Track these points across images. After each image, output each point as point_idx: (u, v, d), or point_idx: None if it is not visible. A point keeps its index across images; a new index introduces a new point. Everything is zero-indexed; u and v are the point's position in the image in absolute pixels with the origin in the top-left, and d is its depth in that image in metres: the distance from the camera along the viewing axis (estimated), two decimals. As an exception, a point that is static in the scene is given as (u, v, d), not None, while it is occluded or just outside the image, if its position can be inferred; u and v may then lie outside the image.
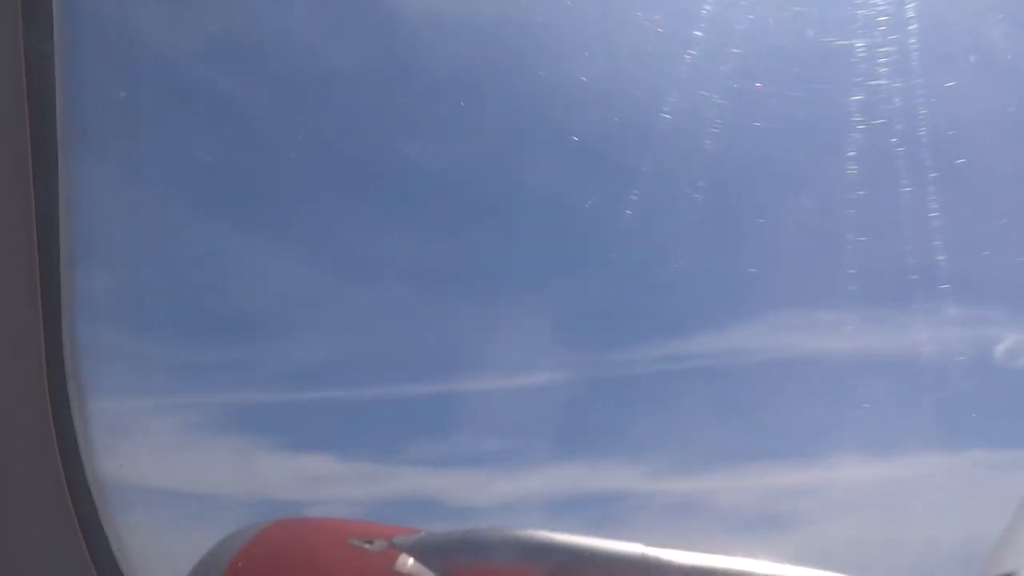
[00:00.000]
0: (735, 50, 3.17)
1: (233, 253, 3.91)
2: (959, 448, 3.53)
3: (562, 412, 4.45)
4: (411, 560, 2.21)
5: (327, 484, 4.07)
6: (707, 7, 3.08)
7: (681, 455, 4.21)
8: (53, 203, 1.75)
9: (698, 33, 3.03)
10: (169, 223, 3.04)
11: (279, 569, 2.15)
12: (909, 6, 2.69)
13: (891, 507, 3.48)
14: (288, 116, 3.71)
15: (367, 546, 2.23)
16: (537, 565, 2.28)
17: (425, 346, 4.49)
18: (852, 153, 2.95)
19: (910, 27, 2.70)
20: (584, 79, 3.47)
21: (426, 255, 4.42)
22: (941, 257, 3.04)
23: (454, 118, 3.93)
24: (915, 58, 2.87)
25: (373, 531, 2.28)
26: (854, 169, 3.12)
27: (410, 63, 3.68)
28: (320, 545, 2.27)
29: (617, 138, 3.67)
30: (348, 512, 3.87)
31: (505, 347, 4.47)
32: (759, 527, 3.84)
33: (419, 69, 3.75)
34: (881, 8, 2.74)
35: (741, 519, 3.97)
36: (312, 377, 4.35)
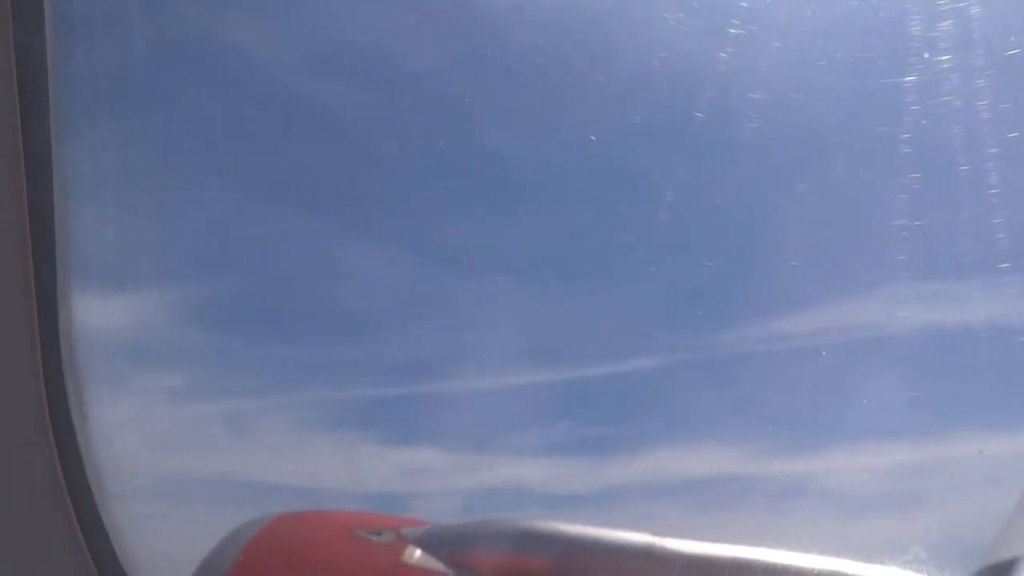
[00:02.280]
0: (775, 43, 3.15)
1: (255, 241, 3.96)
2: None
3: (663, 396, 4.38)
4: (418, 551, 2.18)
5: (426, 476, 4.11)
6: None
7: (787, 436, 4.09)
8: (48, 193, 1.75)
9: (733, 30, 3.02)
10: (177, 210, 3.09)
11: (285, 563, 2.15)
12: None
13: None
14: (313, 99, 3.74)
15: (374, 538, 2.21)
16: (544, 555, 2.22)
17: (521, 334, 4.48)
18: (907, 135, 2.91)
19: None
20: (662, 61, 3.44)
21: (513, 244, 4.40)
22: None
23: (521, 109, 3.91)
24: (972, 32, 2.76)
25: (380, 523, 2.27)
26: (908, 149, 2.96)
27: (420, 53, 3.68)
28: (326, 538, 2.27)
29: (700, 117, 3.61)
30: (447, 503, 3.92)
31: (604, 332, 4.42)
32: (869, 507, 3.71)
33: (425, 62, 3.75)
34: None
35: (851, 500, 3.77)
36: (405, 371, 4.39)
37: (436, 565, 2.24)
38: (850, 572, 2.14)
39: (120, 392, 2.55)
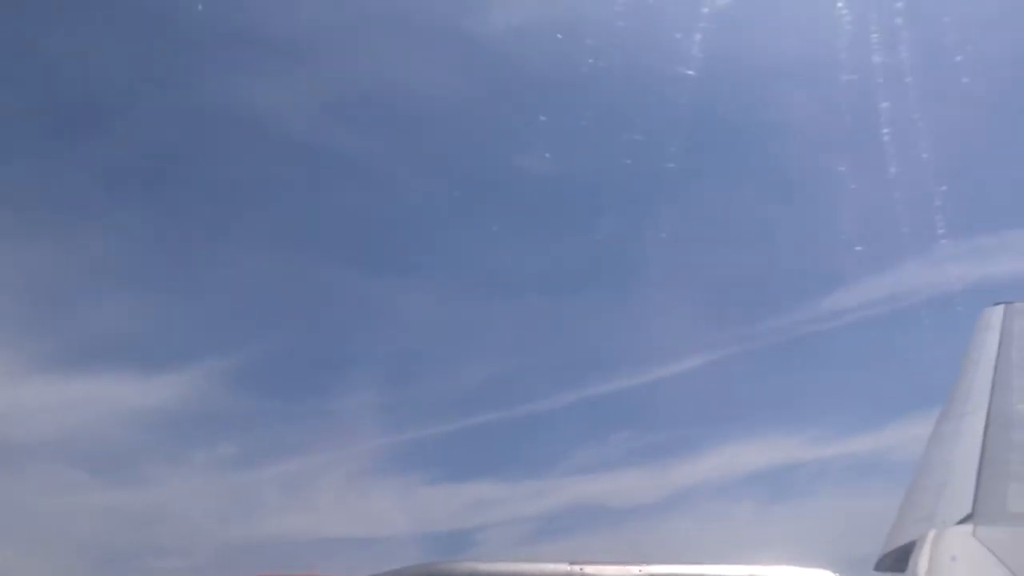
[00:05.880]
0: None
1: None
2: None
3: (717, 392, 4.39)
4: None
5: (489, 509, 4.22)
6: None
7: (846, 414, 4.21)
8: None
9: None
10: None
11: None
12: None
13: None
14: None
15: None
16: None
17: (562, 352, 4.63)
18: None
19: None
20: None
21: (535, 262, 4.52)
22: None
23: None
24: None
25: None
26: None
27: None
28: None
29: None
30: (513, 531, 3.99)
31: (646, 338, 4.49)
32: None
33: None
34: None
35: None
36: (451, 406, 4.57)
37: None
38: None
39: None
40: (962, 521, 2.99)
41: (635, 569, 1.87)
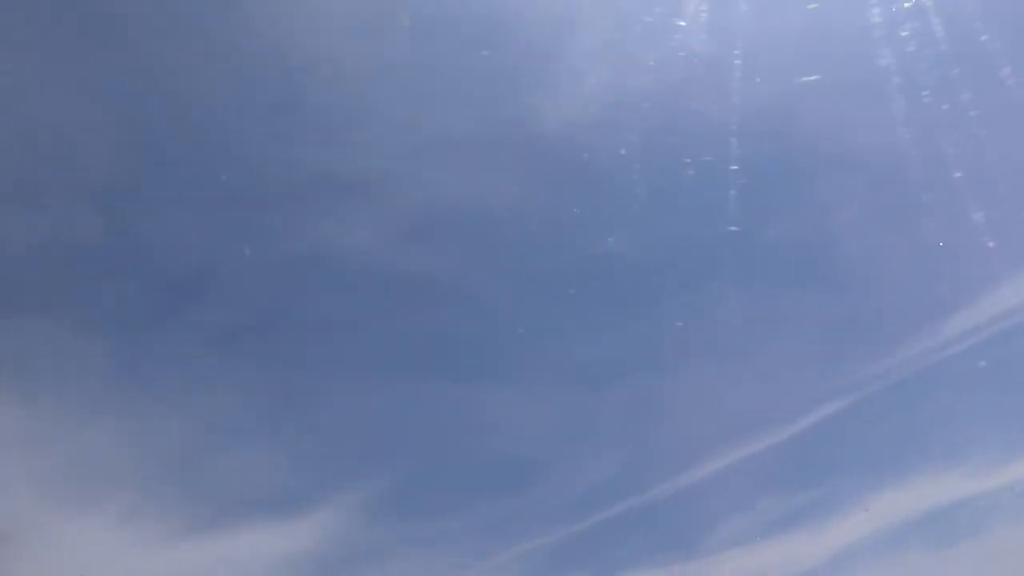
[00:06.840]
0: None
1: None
2: None
3: (859, 437, 4.31)
4: None
5: None
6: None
7: (999, 439, 4.02)
8: None
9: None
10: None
11: None
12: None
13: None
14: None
15: None
16: None
17: (688, 428, 4.59)
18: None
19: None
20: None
21: (650, 339, 4.51)
22: None
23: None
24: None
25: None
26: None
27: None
28: None
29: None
30: None
31: (769, 400, 4.43)
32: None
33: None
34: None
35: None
36: (585, 499, 4.57)
37: None
38: None
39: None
40: None
41: None
